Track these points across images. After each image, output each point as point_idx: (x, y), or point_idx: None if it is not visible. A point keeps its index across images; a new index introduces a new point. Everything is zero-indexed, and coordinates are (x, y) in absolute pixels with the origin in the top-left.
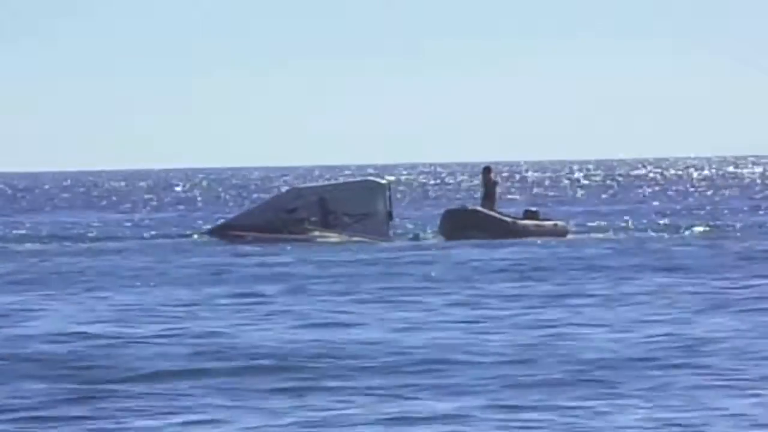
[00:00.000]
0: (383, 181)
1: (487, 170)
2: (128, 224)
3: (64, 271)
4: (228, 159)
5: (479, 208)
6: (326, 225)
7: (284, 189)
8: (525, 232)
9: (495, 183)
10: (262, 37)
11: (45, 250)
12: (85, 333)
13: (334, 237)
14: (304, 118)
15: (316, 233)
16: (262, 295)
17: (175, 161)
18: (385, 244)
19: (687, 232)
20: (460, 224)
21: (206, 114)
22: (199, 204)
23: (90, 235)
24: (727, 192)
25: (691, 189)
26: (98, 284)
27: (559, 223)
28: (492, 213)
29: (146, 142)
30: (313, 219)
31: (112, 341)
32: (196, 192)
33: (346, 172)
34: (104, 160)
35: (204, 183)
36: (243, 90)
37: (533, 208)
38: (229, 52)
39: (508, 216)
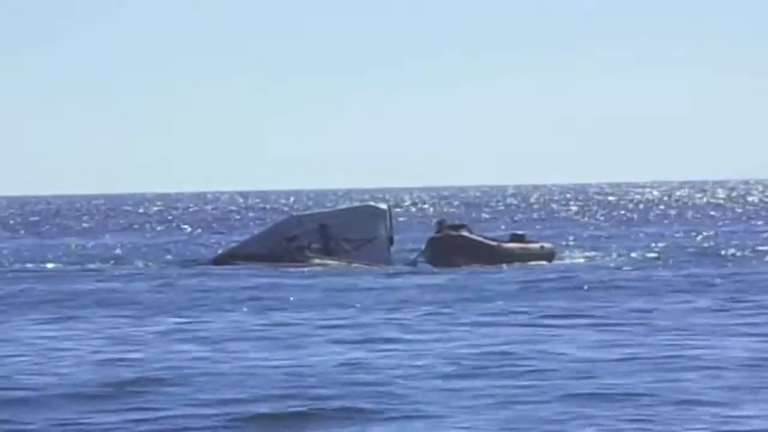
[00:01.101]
0: (383, 206)
1: (440, 224)
2: (118, 250)
3: (56, 295)
4: (220, 182)
5: (464, 233)
6: (327, 251)
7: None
8: (510, 255)
9: (459, 226)
10: (257, 55)
11: (46, 273)
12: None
13: (333, 263)
14: (301, 140)
15: (317, 260)
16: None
17: (164, 186)
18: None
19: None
20: (445, 250)
21: (196, 135)
22: (189, 229)
23: (88, 259)
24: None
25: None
26: (82, 310)
27: (546, 245)
28: (476, 237)
29: (127, 164)
30: (314, 246)
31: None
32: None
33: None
34: (88, 183)
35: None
36: (237, 109)
37: (519, 232)
38: (224, 70)
39: (493, 240)
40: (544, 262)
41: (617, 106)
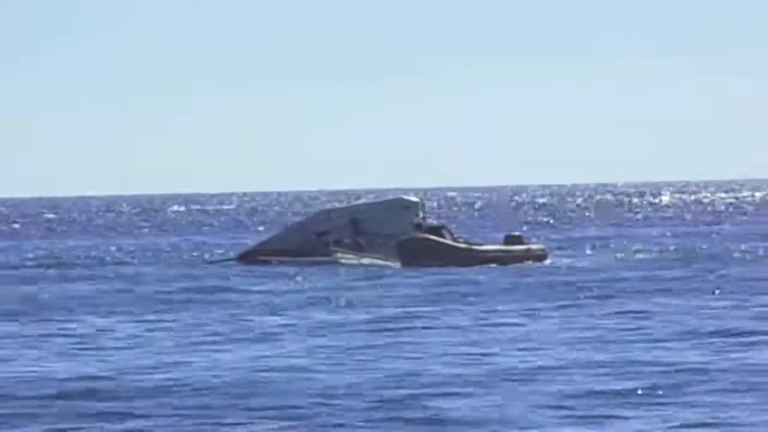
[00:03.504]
0: (416, 200)
1: (419, 226)
2: (137, 250)
3: (93, 295)
4: (229, 184)
5: (430, 236)
6: (359, 246)
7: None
8: (483, 258)
9: (437, 227)
10: (265, 58)
11: (77, 273)
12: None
13: (353, 259)
14: (306, 141)
15: (338, 255)
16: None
17: (175, 186)
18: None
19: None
20: (413, 252)
21: (207, 137)
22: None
23: (116, 259)
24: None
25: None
26: (89, 310)
27: (534, 246)
28: (443, 240)
29: (145, 167)
30: (346, 241)
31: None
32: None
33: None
34: (104, 185)
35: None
36: (245, 113)
37: (515, 233)
38: (230, 74)
39: (466, 242)
40: (527, 263)
41: (638, 107)
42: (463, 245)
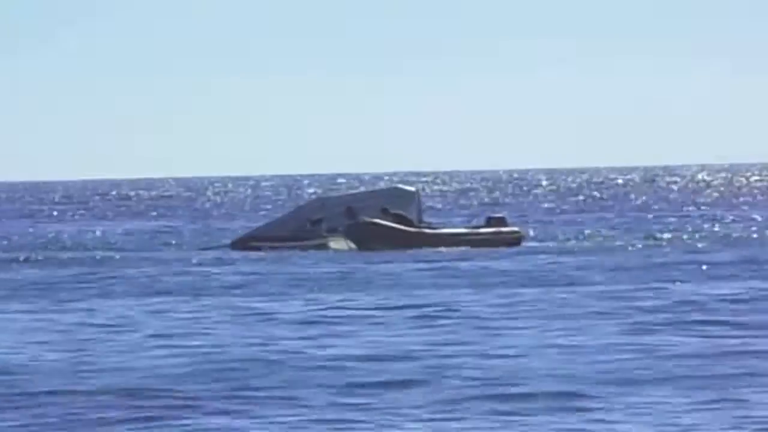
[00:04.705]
0: (412, 189)
1: (383, 211)
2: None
3: (75, 281)
4: (229, 168)
5: (377, 221)
6: None
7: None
8: (437, 242)
9: (402, 215)
10: (268, 45)
11: (70, 258)
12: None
13: (342, 242)
14: (305, 127)
15: (330, 239)
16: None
17: (174, 171)
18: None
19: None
20: (363, 237)
21: (207, 123)
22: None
23: (108, 245)
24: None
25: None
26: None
27: (505, 229)
28: (389, 224)
29: (147, 152)
30: (340, 229)
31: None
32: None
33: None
34: (103, 170)
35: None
36: (247, 99)
37: (497, 215)
38: (231, 59)
39: (429, 226)
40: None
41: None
42: (411, 229)
